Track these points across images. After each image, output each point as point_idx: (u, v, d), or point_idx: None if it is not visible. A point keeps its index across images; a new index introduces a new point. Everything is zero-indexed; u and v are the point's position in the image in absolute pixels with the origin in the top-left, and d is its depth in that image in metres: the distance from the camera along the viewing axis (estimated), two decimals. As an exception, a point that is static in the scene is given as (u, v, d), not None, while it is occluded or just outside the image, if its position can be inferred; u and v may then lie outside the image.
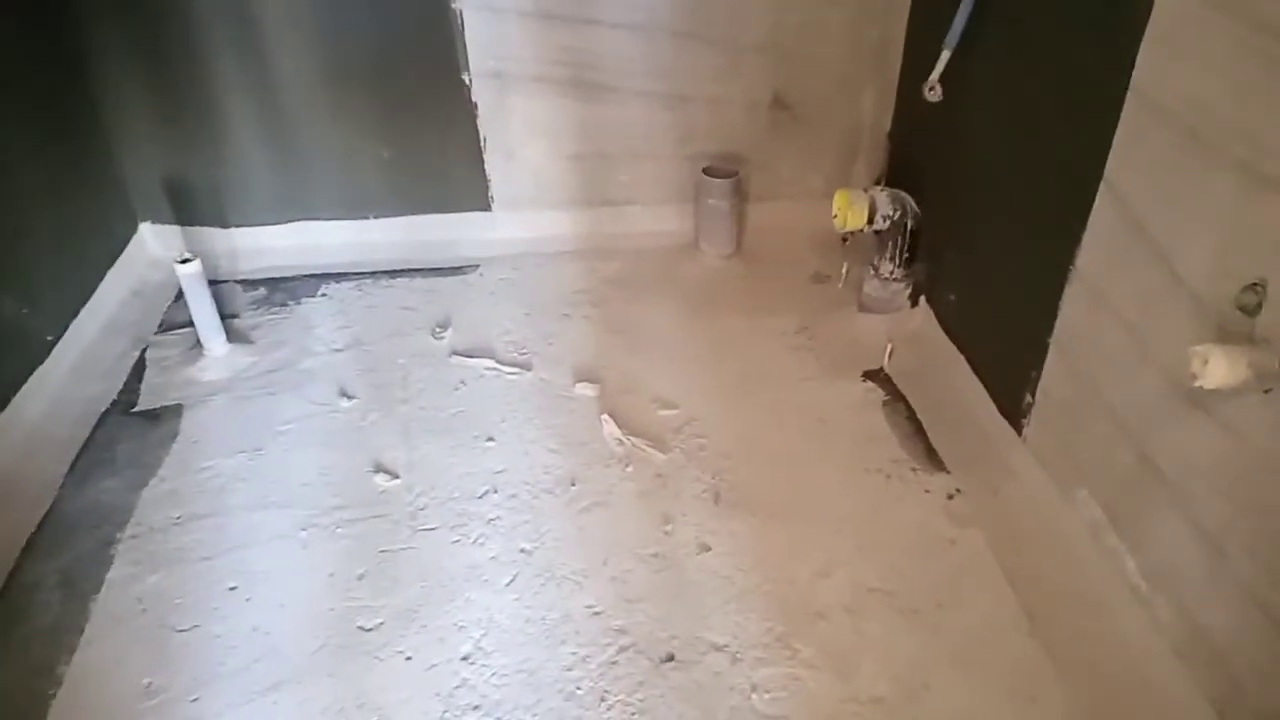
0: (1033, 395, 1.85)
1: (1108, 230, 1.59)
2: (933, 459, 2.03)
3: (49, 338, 2.20)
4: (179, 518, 1.90)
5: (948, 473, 2.00)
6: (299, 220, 2.78)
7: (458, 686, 1.57)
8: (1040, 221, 1.83)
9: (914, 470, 2.00)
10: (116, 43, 2.42)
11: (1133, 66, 1.47)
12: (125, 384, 2.27)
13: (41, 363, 2.15)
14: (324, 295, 2.63)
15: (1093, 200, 1.61)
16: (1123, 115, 1.51)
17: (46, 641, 1.65)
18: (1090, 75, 1.62)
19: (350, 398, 2.23)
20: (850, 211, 2.31)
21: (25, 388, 2.07)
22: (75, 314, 2.32)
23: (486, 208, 2.82)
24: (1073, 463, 1.75)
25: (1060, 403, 1.79)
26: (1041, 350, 1.80)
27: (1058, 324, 1.76)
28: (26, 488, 1.93)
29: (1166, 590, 1.49)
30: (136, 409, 2.20)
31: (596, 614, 1.71)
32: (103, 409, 2.19)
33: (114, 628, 1.68)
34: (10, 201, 2.11)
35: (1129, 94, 1.49)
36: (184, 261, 2.22)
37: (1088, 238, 1.65)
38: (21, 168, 2.17)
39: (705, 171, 2.70)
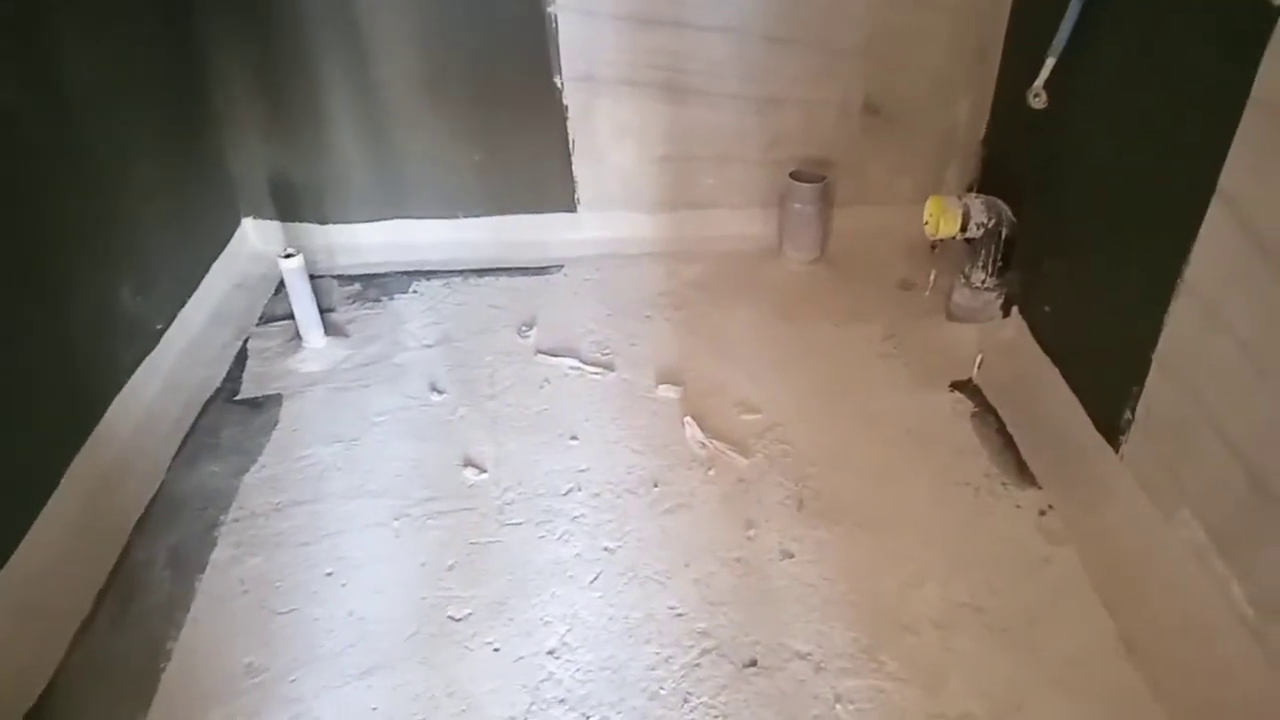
0: (1133, 411, 1.80)
1: (1221, 243, 1.53)
2: (1024, 474, 1.99)
3: (159, 326, 2.31)
4: (279, 503, 1.98)
5: (1039, 488, 1.95)
6: (393, 219, 2.86)
7: (544, 680, 1.60)
8: (1146, 232, 1.77)
9: (1004, 484, 1.97)
10: (229, 47, 2.53)
11: (1255, 74, 1.42)
12: (228, 372, 2.37)
13: (152, 350, 2.26)
14: (415, 292, 2.70)
15: (1204, 211, 1.56)
16: (1241, 124, 1.46)
17: (158, 617, 1.73)
18: (1206, 84, 1.56)
19: (440, 392, 2.29)
20: (943, 218, 2.28)
21: (138, 373, 2.18)
22: (183, 304, 2.44)
23: (573, 209, 2.86)
24: (1175, 482, 1.69)
25: (1163, 420, 1.73)
26: (1144, 365, 1.75)
27: (1163, 339, 1.70)
28: (139, 468, 2.04)
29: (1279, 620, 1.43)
30: (239, 397, 2.29)
31: (679, 615, 1.72)
32: (208, 396, 2.29)
33: (218, 607, 1.76)
34: (130, 195, 2.22)
35: (1249, 103, 1.44)
36: (288, 256, 2.31)
37: (1198, 250, 1.59)
38: (141, 164, 2.28)
39: (792, 175, 2.68)
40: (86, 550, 1.82)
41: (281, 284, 2.42)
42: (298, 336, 2.43)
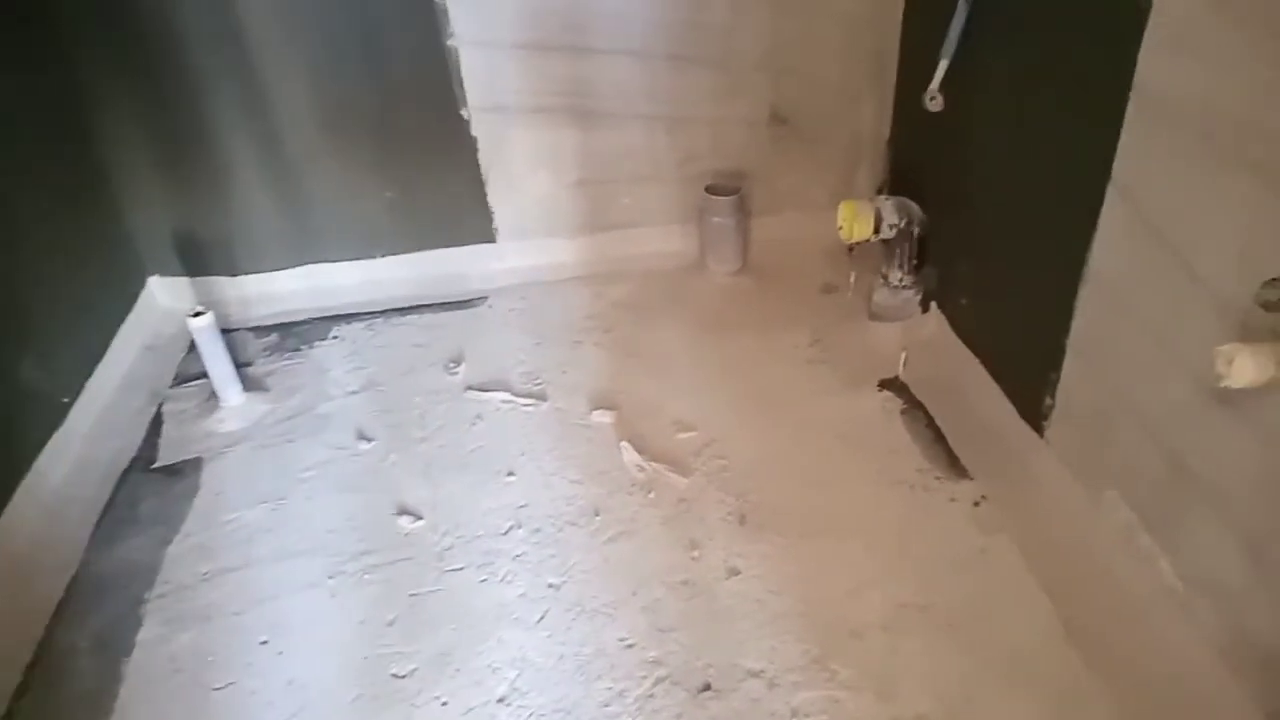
0: (1052, 397, 1.84)
1: (1120, 231, 1.58)
2: (955, 467, 2.02)
3: (65, 399, 2.21)
4: (206, 573, 1.90)
5: (972, 479, 1.98)
6: (306, 264, 2.79)
7: (496, 730, 1.57)
8: (1049, 224, 1.82)
9: (938, 479, 1.99)
10: (117, 100, 2.44)
11: (1134, 68, 1.47)
12: (144, 440, 2.27)
13: (60, 424, 2.15)
14: (336, 337, 2.64)
15: (1101, 201, 1.60)
16: (1127, 116, 1.51)
17: (83, 708, 1.64)
18: (1090, 77, 1.61)
19: (369, 440, 2.23)
20: (856, 222, 2.31)
21: (46, 450, 2.07)
22: (90, 373, 2.33)
23: (492, 239, 2.83)
24: (1099, 464, 1.73)
25: (1082, 404, 1.78)
26: (1059, 352, 1.79)
27: (1074, 325, 1.75)
28: (53, 552, 1.93)
29: (1205, 592, 1.47)
30: (157, 465, 2.20)
31: (630, 646, 1.70)
32: (123, 467, 2.19)
33: (149, 690, 1.68)
34: (21, 265, 2.12)
35: (1132, 95, 1.49)
36: (196, 315, 2.22)
37: (1099, 239, 1.64)
38: (30, 231, 2.18)
39: (708, 190, 2.70)
40: (1, 648, 1.72)
41: (195, 343, 2.33)
42: (214, 395, 2.35)
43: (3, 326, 2.02)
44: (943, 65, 2.06)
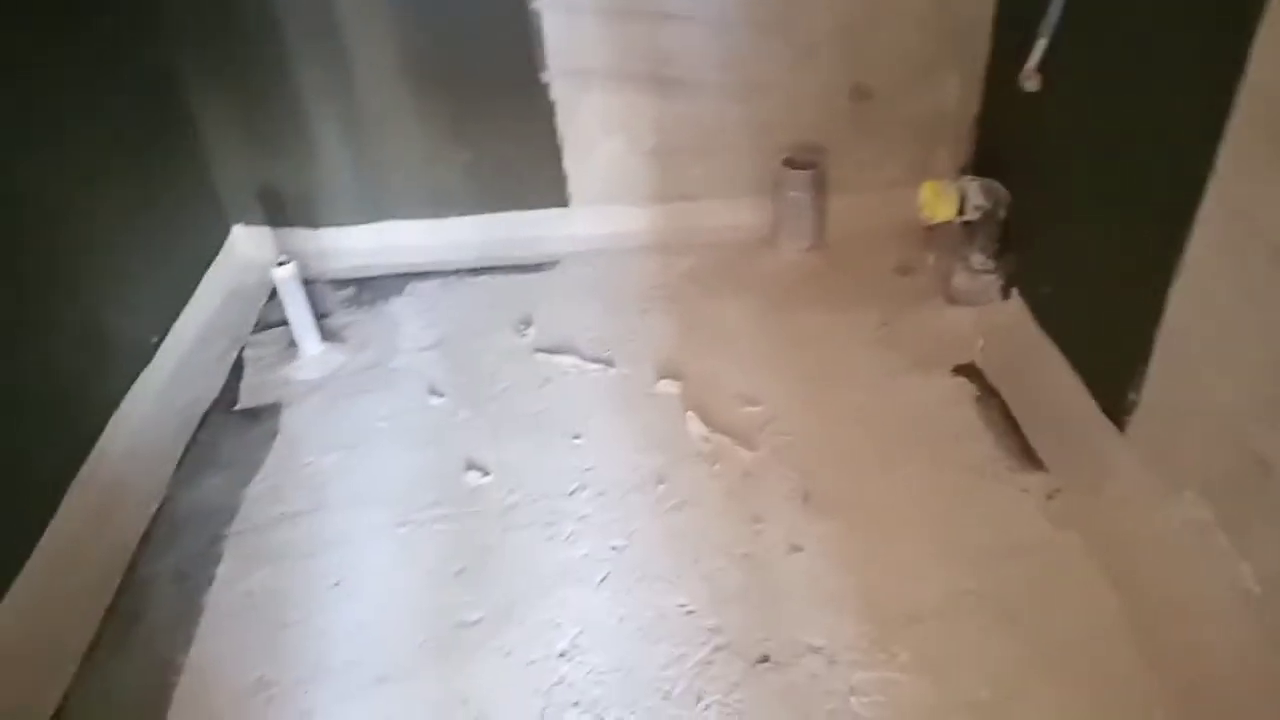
0: (1137, 392, 1.79)
1: (1220, 224, 1.53)
2: (1029, 457, 1.99)
3: (154, 340, 2.30)
4: (282, 514, 1.97)
5: (1046, 471, 1.95)
6: (384, 220, 2.84)
7: (556, 684, 1.60)
8: (1145, 213, 1.76)
9: (1009, 469, 1.96)
10: (207, 55, 2.51)
11: (1247, 57, 1.40)
12: (226, 383, 2.36)
13: (147, 366, 2.24)
14: (410, 293, 2.69)
15: (1202, 193, 1.55)
16: (1235, 106, 1.45)
17: (166, 634, 1.73)
18: (1200, 65, 1.55)
19: (440, 395, 2.28)
20: (939, 202, 2.26)
21: (133, 390, 2.17)
22: (176, 317, 2.42)
23: (564, 204, 2.84)
24: (1180, 462, 1.69)
25: (1167, 400, 1.73)
26: (1147, 345, 1.74)
27: (1165, 318, 1.69)
28: (139, 486, 2.03)
29: (1283, 596, 1.44)
30: (237, 408, 2.28)
31: (690, 613, 1.71)
32: (205, 408, 2.27)
33: (226, 622, 1.76)
34: (115, 211, 2.20)
35: (1243, 85, 1.43)
36: (281, 264, 2.29)
37: (1197, 231, 1.58)
38: (124, 179, 2.26)
39: (785, 163, 2.66)
40: (90, 573, 1.81)
41: (276, 291, 2.39)
42: (294, 344, 2.42)
43: (97, 267, 2.11)
44: (1041, 44, 1.99)
